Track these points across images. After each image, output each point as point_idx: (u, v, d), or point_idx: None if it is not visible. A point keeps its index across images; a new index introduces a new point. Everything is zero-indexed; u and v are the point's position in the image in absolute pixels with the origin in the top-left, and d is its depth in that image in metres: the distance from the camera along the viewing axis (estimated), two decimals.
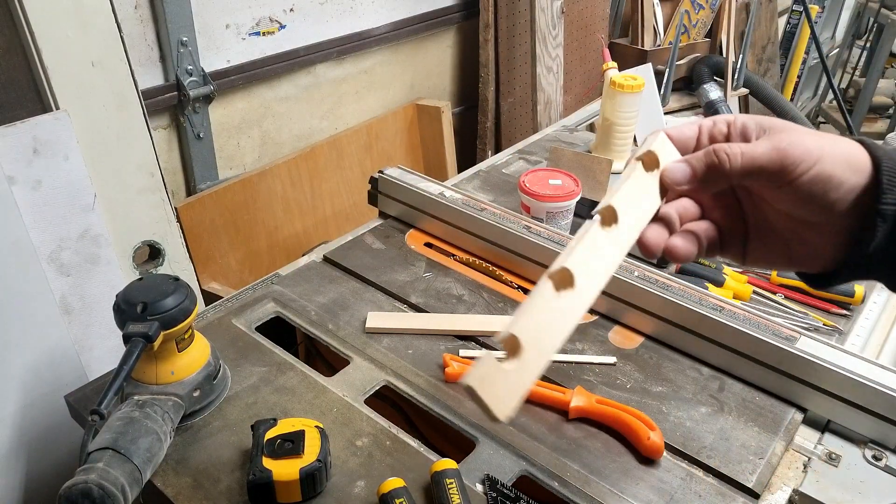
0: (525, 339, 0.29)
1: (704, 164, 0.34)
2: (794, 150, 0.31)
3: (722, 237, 0.36)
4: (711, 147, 0.34)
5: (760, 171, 0.32)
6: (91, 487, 0.43)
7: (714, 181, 0.34)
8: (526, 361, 0.29)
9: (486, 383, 0.28)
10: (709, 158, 0.33)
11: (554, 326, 0.30)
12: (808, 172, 0.31)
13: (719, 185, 0.34)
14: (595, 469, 0.53)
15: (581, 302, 0.31)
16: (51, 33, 0.76)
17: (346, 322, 0.67)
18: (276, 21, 1.13)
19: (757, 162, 0.32)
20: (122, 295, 0.52)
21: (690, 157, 0.34)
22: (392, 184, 0.83)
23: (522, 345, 0.29)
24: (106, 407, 0.46)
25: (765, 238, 0.36)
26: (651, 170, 0.35)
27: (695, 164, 0.34)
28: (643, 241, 0.34)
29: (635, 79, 0.89)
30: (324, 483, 0.50)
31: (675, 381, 0.62)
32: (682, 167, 0.34)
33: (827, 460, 0.55)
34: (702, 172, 0.34)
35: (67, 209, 0.79)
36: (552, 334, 0.30)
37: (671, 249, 0.34)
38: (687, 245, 0.35)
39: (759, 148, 0.32)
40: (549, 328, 0.30)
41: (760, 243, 0.36)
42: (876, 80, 2.43)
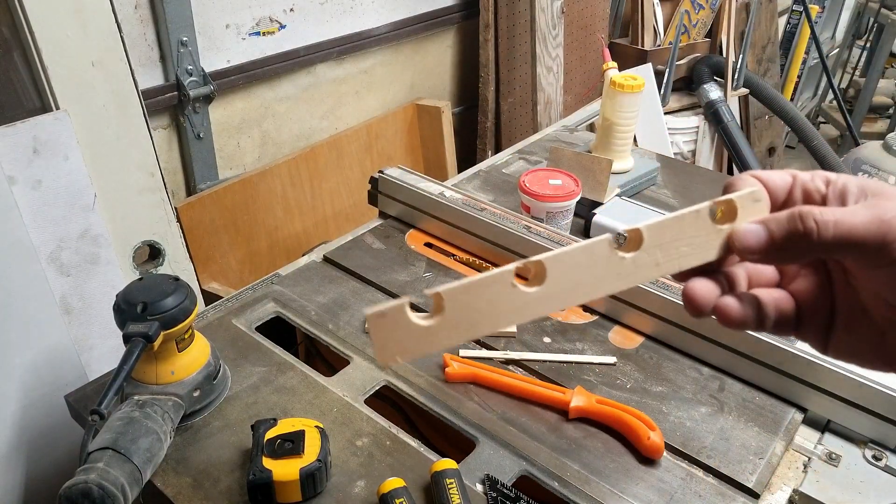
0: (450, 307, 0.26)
1: (787, 230, 0.27)
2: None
3: (800, 315, 0.29)
4: (797, 210, 0.27)
5: (856, 245, 0.26)
6: (91, 487, 0.43)
7: (796, 253, 0.27)
8: (439, 327, 0.26)
9: (385, 322, 0.26)
10: (792, 224, 0.27)
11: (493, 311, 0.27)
12: None
13: (802, 257, 0.28)
14: (595, 469, 0.53)
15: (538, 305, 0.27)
16: (51, 33, 0.76)
17: (346, 322, 0.67)
18: (277, 21, 1.13)
19: (854, 234, 0.25)
20: (122, 295, 0.52)
21: (770, 218, 0.27)
22: (392, 184, 0.83)
23: (445, 309, 0.26)
24: (106, 407, 0.46)
25: (855, 326, 0.29)
26: (724, 222, 0.29)
27: (774, 228, 0.27)
28: (688, 292, 0.28)
29: (635, 79, 0.89)
30: (324, 483, 0.50)
31: (675, 381, 0.62)
32: (758, 231, 0.27)
33: (827, 460, 0.55)
34: (781, 240, 0.27)
35: (67, 209, 0.79)
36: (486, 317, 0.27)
37: (722, 309, 0.28)
38: (743, 309, 0.28)
39: (857, 216, 0.26)
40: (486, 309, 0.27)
41: (848, 332, 0.29)
42: (876, 80, 2.43)
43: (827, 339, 0.30)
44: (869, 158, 1.71)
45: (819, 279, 0.29)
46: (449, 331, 0.26)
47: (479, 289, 0.27)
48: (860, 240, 0.25)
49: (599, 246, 0.28)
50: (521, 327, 0.67)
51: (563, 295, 0.28)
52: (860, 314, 0.29)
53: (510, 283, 0.27)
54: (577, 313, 0.70)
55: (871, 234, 0.25)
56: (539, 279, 0.27)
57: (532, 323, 0.68)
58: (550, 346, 0.65)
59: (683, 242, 0.28)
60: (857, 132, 2.00)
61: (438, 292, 0.26)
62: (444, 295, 0.26)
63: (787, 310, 0.29)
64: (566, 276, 0.27)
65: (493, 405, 0.58)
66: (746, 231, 0.28)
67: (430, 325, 0.26)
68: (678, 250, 0.28)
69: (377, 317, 0.26)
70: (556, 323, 0.69)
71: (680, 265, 0.29)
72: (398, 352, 0.26)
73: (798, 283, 0.30)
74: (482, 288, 0.27)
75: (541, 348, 0.65)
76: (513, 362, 0.63)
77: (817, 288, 0.29)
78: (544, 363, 0.63)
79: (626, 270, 0.28)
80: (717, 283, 0.28)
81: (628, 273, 0.28)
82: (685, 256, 0.29)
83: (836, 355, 0.30)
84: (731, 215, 0.29)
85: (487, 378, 0.60)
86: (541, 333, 0.67)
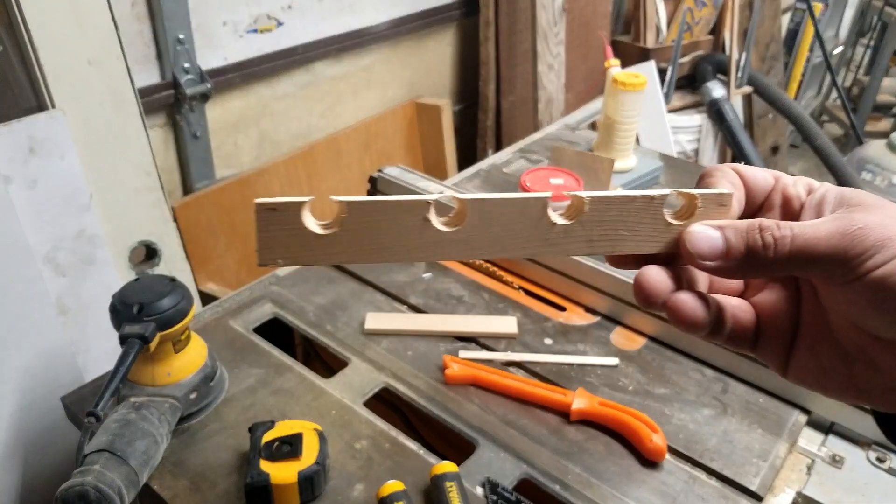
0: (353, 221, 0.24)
1: (744, 243, 0.24)
2: (869, 235, 0.22)
3: (760, 331, 0.26)
4: (758, 221, 0.24)
5: (815, 261, 0.23)
6: (87, 490, 0.42)
7: (751, 269, 0.24)
8: (334, 240, 0.24)
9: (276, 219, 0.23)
10: (752, 236, 0.24)
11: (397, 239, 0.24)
12: (883, 266, 0.22)
13: (757, 274, 0.25)
14: (597, 472, 0.52)
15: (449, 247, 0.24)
16: (47, 31, 0.76)
17: (345, 323, 0.67)
18: (274, 18, 1.12)
19: (812, 249, 0.23)
20: (119, 295, 0.52)
21: (729, 225, 0.24)
22: (391, 183, 0.82)
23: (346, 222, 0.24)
24: (102, 409, 0.46)
25: (819, 348, 0.25)
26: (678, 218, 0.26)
27: (732, 239, 0.24)
28: (640, 279, 0.25)
29: (638, 77, 0.89)
30: (322, 486, 0.49)
31: (677, 383, 0.61)
32: (714, 238, 0.24)
33: (831, 462, 0.55)
34: (737, 253, 0.24)
35: (63, 209, 0.78)
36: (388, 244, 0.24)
37: (675, 305, 0.24)
38: (698, 308, 0.24)
39: (820, 230, 0.23)
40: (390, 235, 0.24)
41: (811, 354, 0.26)
42: (880, 78, 2.42)
43: (787, 361, 0.26)
44: (873, 157, 1.70)
45: (787, 294, 0.26)
46: (344, 246, 0.24)
47: (388, 211, 0.24)
48: (819, 255, 0.23)
49: (534, 204, 0.25)
50: (522, 329, 0.66)
51: (479, 244, 0.25)
52: (826, 336, 0.25)
53: (423, 215, 0.24)
54: (578, 314, 0.70)
55: (832, 250, 0.22)
56: (458, 220, 0.25)
57: (533, 324, 0.68)
58: (552, 347, 0.65)
59: (626, 226, 0.25)
60: (861, 131, 1.99)
61: (342, 201, 0.24)
62: (349, 207, 0.24)
63: (746, 322, 0.26)
64: (487, 226, 0.25)
65: (493, 407, 0.58)
66: (701, 234, 0.24)
67: (325, 234, 0.24)
68: (617, 232, 0.26)
69: (267, 210, 0.23)
70: (557, 324, 0.68)
71: (613, 248, 0.26)
72: (282, 255, 0.24)
73: (763, 296, 0.27)
74: (393, 211, 0.24)
75: (542, 350, 0.64)
76: (513, 364, 0.63)
77: (783, 303, 0.26)
78: (545, 365, 0.62)
79: (555, 238, 0.25)
80: (673, 276, 0.25)
81: (556, 241, 0.25)
82: (622, 241, 0.26)
83: (797, 380, 0.26)
84: (689, 212, 0.26)
85: (488, 380, 0.59)
86: (542, 335, 0.66)
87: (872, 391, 0.25)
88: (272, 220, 0.23)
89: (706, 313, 0.25)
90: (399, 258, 0.25)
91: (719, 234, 0.24)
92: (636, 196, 0.25)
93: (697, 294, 0.25)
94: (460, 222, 0.24)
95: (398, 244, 0.24)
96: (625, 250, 0.26)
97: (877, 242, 0.22)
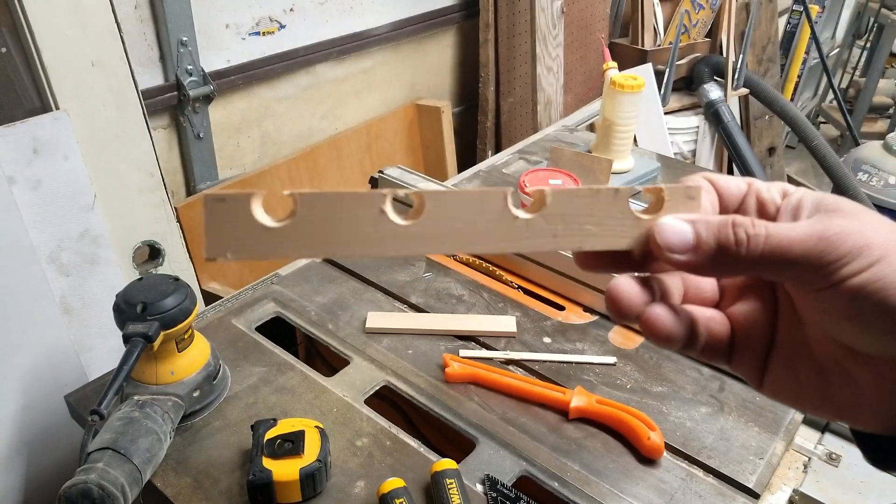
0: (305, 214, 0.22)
1: (715, 238, 0.23)
2: (846, 241, 0.21)
3: (734, 343, 0.25)
4: (731, 217, 0.23)
5: (789, 263, 0.22)
6: (91, 487, 0.43)
7: (721, 266, 0.23)
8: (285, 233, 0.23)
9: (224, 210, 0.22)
10: (724, 232, 0.22)
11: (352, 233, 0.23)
12: (859, 274, 0.21)
13: (728, 273, 0.24)
14: (595, 469, 0.53)
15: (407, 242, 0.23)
16: (51, 33, 0.76)
17: (346, 322, 0.67)
18: (276, 21, 1.13)
19: (787, 251, 0.21)
20: (122, 295, 0.52)
21: (700, 219, 0.23)
22: (392, 184, 0.83)
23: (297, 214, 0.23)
24: (106, 407, 0.46)
25: (795, 362, 0.24)
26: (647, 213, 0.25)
27: (703, 233, 0.23)
28: (612, 291, 0.24)
29: (635, 79, 0.89)
30: (324, 483, 0.50)
31: (675, 381, 0.62)
32: (684, 231, 0.23)
33: (827, 460, 0.55)
34: (708, 248, 0.23)
35: (67, 209, 0.79)
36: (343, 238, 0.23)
37: (650, 319, 0.23)
38: (672, 322, 0.24)
39: (795, 231, 0.22)
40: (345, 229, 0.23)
41: (786, 367, 0.25)
42: (876, 80, 2.43)
43: (762, 375, 0.25)
44: (869, 158, 1.71)
45: (763, 305, 0.25)
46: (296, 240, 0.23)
47: (343, 203, 0.23)
48: (793, 257, 0.21)
49: (494, 197, 0.24)
50: (522, 328, 0.67)
51: (437, 239, 0.24)
52: (803, 350, 0.24)
53: (380, 207, 0.23)
54: (577, 313, 0.70)
55: (807, 252, 0.21)
56: (416, 214, 0.23)
57: (532, 323, 0.68)
58: (550, 346, 0.65)
59: (592, 220, 0.24)
60: (857, 132, 2.00)
61: (293, 193, 0.22)
62: (300, 198, 0.22)
63: (720, 334, 0.25)
64: (447, 220, 0.23)
65: (493, 405, 0.58)
66: (670, 227, 0.23)
67: (276, 227, 0.23)
68: (583, 227, 0.24)
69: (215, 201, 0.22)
70: (556, 323, 0.69)
71: (581, 243, 0.25)
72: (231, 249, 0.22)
73: (739, 307, 0.25)
74: (348, 203, 0.23)
75: (541, 348, 0.65)
76: (513, 362, 0.63)
77: (759, 314, 0.25)
78: (544, 363, 0.63)
79: (518, 233, 0.24)
80: (646, 287, 0.24)
81: (519, 236, 0.24)
82: (589, 236, 0.25)
83: (772, 394, 0.25)
84: (657, 207, 0.25)
85: (487, 378, 0.60)
86: (541, 334, 0.67)
87: (849, 408, 0.23)
88: (220, 212, 0.22)
89: (680, 327, 0.24)
90: (354, 253, 0.23)
91: (689, 227, 0.23)
92: (600, 189, 0.24)
93: (671, 307, 0.24)
94: (418, 216, 0.23)
95: (353, 238, 0.23)
96: (593, 246, 0.25)
97: (853, 248, 0.21)
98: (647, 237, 0.24)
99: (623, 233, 0.25)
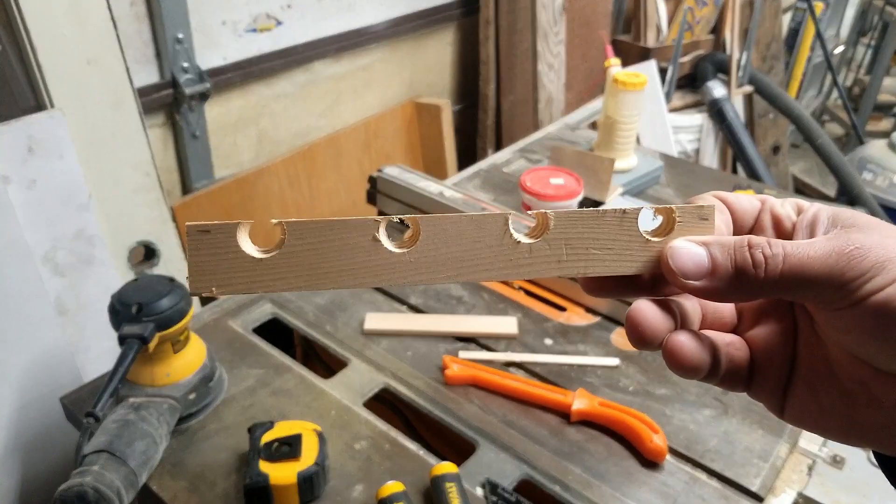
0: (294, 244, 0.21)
1: (732, 260, 0.22)
2: (867, 256, 0.20)
3: (753, 369, 0.24)
4: (747, 238, 0.22)
5: (809, 283, 0.21)
6: (86, 490, 0.42)
7: (740, 290, 0.22)
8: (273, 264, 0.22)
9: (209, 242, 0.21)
10: (740, 254, 0.22)
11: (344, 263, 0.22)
12: (884, 289, 0.20)
13: (746, 297, 0.23)
14: (597, 473, 0.52)
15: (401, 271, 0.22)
16: (46, 31, 0.75)
17: (345, 323, 0.67)
18: (274, 18, 1.12)
19: (806, 270, 0.21)
20: (118, 296, 0.52)
21: (714, 241, 0.22)
22: (391, 183, 0.82)
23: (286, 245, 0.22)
24: (101, 409, 0.46)
25: (817, 386, 0.23)
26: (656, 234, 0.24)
27: (717, 255, 0.22)
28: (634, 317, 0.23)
29: (638, 76, 0.88)
30: (321, 487, 0.49)
31: (678, 384, 0.61)
32: (699, 255, 0.22)
33: (831, 463, 0.54)
34: (725, 272, 0.22)
35: (62, 209, 0.78)
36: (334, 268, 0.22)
37: (675, 348, 0.22)
38: (697, 351, 0.22)
39: (813, 248, 0.21)
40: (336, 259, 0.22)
41: (809, 393, 0.23)
42: (881, 78, 2.42)
43: (784, 401, 0.24)
44: (874, 157, 1.70)
45: (782, 327, 0.24)
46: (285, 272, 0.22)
47: (333, 231, 0.22)
48: (813, 277, 0.21)
49: (493, 222, 0.23)
50: (523, 329, 0.66)
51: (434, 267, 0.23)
52: (825, 373, 0.23)
53: (372, 235, 0.22)
54: (579, 314, 0.69)
55: (827, 271, 0.21)
56: (411, 241, 0.23)
57: (533, 325, 0.67)
58: (552, 347, 0.65)
59: (597, 245, 0.23)
60: (861, 130, 1.99)
61: (282, 222, 0.22)
62: (288, 227, 0.21)
63: (741, 360, 0.24)
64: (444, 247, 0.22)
65: (493, 408, 0.58)
66: (684, 251, 0.22)
67: (263, 258, 0.22)
68: (588, 252, 0.23)
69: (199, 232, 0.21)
70: (557, 324, 0.68)
71: (586, 269, 0.23)
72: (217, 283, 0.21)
73: (757, 331, 0.24)
74: (338, 232, 0.22)
75: (542, 350, 0.64)
76: (514, 364, 0.63)
77: (778, 337, 0.24)
78: (546, 365, 0.62)
79: (520, 259, 0.23)
80: (667, 311, 0.23)
81: (521, 262, 0.23)
82: (594, 261, 0.23)
83: (795, 421, 0.24)
84: (668, 229, 0.24)
85: (488, 380, 0.59)
86: (542, 335, 0.66)
87: (876, 432, 0.22)
88: (204, 244, 0.21)
89: (705, 356, 0.23)
90: (347, 283, 0.22)
91: (704, 251, 0.22)
92: (606, 211, 0.23)
93: (694, 334, 0.23)
94: (413, 243, 0.23)
95: (345, 268, 0.22)
96: (599, 271, 0.24)
97: (876, 264, 0.20)
98: (657, 261, 0.23)
99: (631, 257, 0.24)
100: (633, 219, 0.23)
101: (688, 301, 0.24)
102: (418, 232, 0.23)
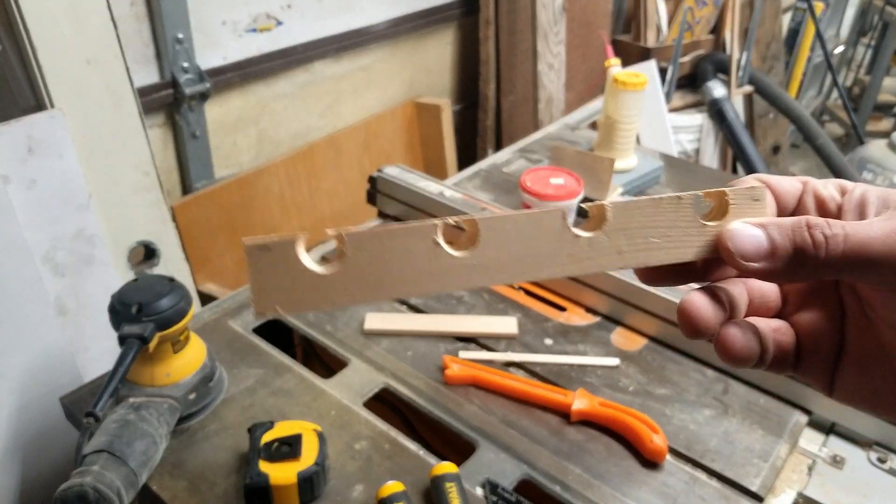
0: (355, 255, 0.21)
1: (791, 241, 0.22)
2: None
3: (800, 352, 0.24)
4: (805, 218, 0.22)
5: (871, 264, 0.21)
6: (86, 490, 0.42)
7: (799, 271, 0.22)
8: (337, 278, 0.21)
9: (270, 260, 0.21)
10: (799, 234, 0.22)
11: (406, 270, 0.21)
12: None
13: (805, 277, 0.22)
14: (597, 473, 0.52)
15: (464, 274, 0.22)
16: (46, 31, 0.75)
17: (345, 323, 0.67)
18: (274, 18, 1.12)
19: (868, 251, 0.21)
20: (117, 296, 0.52)
21: (771, 222, 0.22)
22: (391, 183, 0.82)
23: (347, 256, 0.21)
24: (101, 409, 0.46)
25: (868, 366, 0.24)
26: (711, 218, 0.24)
27: (776, 237, 0.22)
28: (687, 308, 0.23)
29: (638, 76, 0.88)
30: (322, 487, 0.49)
31: (678, 384, 0.61)
32: (758, 236, 0.22)
33: (832, 463, 0.54)
34: (784, 253, 0.22)
35: (62, 209, 0.78)
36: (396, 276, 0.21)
37: (726, 341, 0.23)
38: (748, 343, 0.23)
39: (873, 229, 0.21)
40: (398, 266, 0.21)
41: (859, 372, 0.24)
42: (881, 78, 2.42)
43: (833, 381, 0.24)
44: (874, 157, 1.70)
45: (829, 309, 0.24)
46: (348, 284, 0.21)
47: (393, 239, 0.21)
48: (875, 257, 0.21)
49: (551, 218, 0.22)
50: (522, 329, 0.66)
51: (497, 268, 0.22)
52: (877, 354, 0.23)
53: (433, 239, 0.22)
54: (579, 314, 0.69)
55: (888, 251, 0.20)
56: (470, 243, 0.22)
57: (533, 325, 0.67)
58: (552, 347, 0.65)
59: (656, 233, 0.23)
60: (862, 131, 1.99)
61: (341, 233, 0.21)
62: (349, 238, 0.21)
63: (787, 345, 0.24)
64: (504, 247, 0.22)
65: (493, 408, 0.58)
66: (743, 233, 0.22)
67: (326, 273, 0.21)
68: (647, 241, 0.23)
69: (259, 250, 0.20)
70: (557, 324, 0.68)
71: (647, 259, 0.23)
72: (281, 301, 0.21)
73: (804, 314, 0.24)
74: (398, 239, 0.21)
75: (542, 350, 0.64)
76: (514, 364, 0.63)
77: (825, 320, 0.24)
78: (546, 365, 0.62)
79: (581, 253, 0.23)
80: (717, 302, 0.23)
81: (583, 256, 0.23)
82: (654, 250, 0.23)
83: (844, 400, 0.25)
84: (721, 212, 0.24)
85: (488, 380, 0.59)
86: (542, 335, 0.66)
87: None
88: (265, 262, 0.21)
89: (755, 346, 0.23)
90: (411, 292, 0.22)
91: (762, 232, 0.22)
92: (662, 198, 0.23)
93: (744, 325, 0.23)
94: (473, 245, 0.22)
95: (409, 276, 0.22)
96: (659, 260, 0.23)
97: None
98: (714, 246, 0.23)
99: (689, 242, 0.23)
100: (689, 204, 0.23)
101: (734, 286, 0.24)
102: (476, 234, 0.22)
